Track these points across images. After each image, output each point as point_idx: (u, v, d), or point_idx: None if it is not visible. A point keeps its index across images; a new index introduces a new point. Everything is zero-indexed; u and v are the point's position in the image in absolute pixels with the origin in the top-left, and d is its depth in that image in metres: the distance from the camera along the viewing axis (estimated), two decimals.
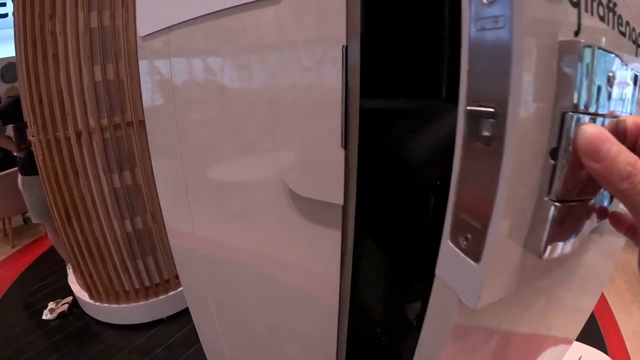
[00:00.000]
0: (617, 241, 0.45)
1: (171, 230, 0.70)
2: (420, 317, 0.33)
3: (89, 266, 1.42)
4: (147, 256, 1.40)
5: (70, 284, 1.59)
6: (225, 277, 0.67)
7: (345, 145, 0.36)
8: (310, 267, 0.52)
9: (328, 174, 0.39)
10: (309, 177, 0.41)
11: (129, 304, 1.44)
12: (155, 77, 0.59)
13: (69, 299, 1.62)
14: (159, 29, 0.55)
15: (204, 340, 0.82)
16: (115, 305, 1.46)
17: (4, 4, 2.80)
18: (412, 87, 0.49)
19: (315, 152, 0.40)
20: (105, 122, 1.29)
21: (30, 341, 1.47)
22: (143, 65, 0.59)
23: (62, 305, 1.61)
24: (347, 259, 0.48)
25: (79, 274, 1.48)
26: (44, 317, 1.58)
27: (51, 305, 1.62)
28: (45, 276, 1.78)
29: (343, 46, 0.33)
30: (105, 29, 1.29)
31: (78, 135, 1.28)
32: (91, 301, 1.49)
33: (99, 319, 1.52)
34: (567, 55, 0.18)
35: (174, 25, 0.53)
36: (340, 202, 0.39)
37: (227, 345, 0.77)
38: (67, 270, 1.67)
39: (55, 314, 1.59)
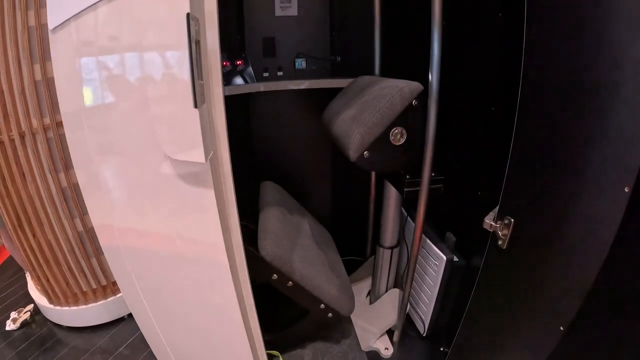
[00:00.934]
0: None
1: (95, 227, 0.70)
2: None
3: (45, 270, 1.40)
4: (101, 254, 1.39)
5: (30, 291, 1.56)
6: (140, 261, 0.67)
7: (195, 105, 0.38)
8: (198, 234, 0.55)
9: (187, 133, 0.40)
10: (175, 138, 0.43)
11: (88, 304, 1.42)
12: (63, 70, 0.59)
13: (30, 306, 1.59)
14: (64, 19, 0.55)
15: (145, 331, 0.82)
16: (75, 308, 1.44)
17: None
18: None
19: (175, 115, 0.42)
20: (47, 121, 1.27)
21: None
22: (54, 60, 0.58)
23: (24, 314, 1.57)
24: (225, 217, 0.51)
25: (37, 280, 1.46)
26: (7, 327, 1.54)
27: (13, 315, 1.58)
28: (6, 287, 1.74)
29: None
30: (43, 27, 1.27)
31: (22, 136, 1.26)
32: (51, 306, 1.46)
33: (61, 323, 1.50)
34: None
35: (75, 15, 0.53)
36: (202, 159, 0.41)
37: (161, 330, 0.78)
38: (27, 278, 1.63)
39: (18, 324, 1.55)
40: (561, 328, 0.59)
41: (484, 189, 1.05)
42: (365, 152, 0.91)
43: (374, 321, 1.28)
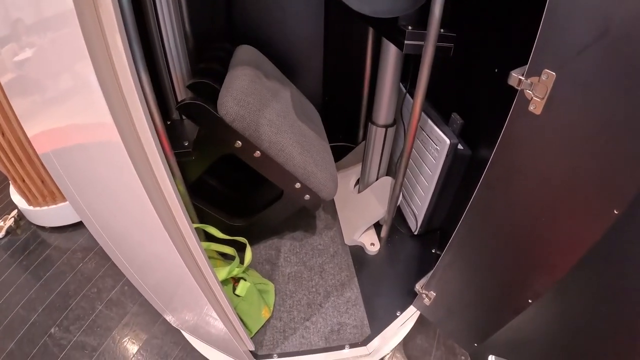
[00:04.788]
0: None
1: None
2: None
3: (18, 169, 1.35)
4: None
5: (12, 196, 1.53)
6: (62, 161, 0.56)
7: None
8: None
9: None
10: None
11: (66, 202, 1.38)
12: None
13: (14, 212, 1.57)
14: None
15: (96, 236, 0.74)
16: (54, 206, 1.41)
17: None
18: None
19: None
20: None
21: None
22: None
23: (9, 221, 1.55)
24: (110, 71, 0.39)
25: (14, 181, 1.42)
26: None
27: None
28: None
29: None
30: None
31: None
32: (31, 207, 1.43)
33: (43, 224, 1.48)
34: None
35: None
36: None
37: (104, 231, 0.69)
38: (10, 184, 1.60)
39: (3, 232, 1.54)
40: (615, 211, 0.45)
41: (504, 63, 0.84)
42: None
43: (360, 212, 1.16)
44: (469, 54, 0.97)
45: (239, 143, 0.89)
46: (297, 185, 0.97)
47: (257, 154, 0.90)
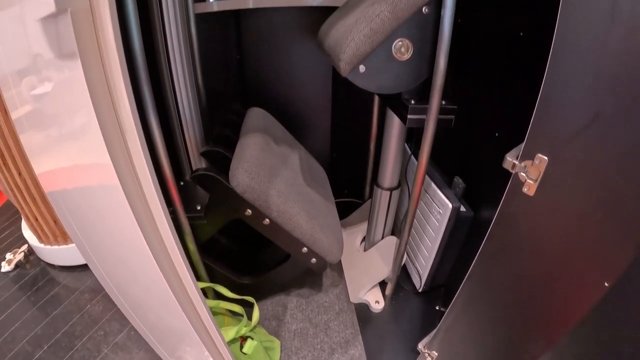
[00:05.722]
0: None
1: None
2: None
3: (32, 209, 1.38)
4: None
5: (23, 231, 1.56)
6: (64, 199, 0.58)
7: None
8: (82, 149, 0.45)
9: None
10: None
11: None
12: None
13: (25, 247, 1.59)
14: None
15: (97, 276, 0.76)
16: (65, 247, 1.43)
17: None
18: None
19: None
20: None
21: None
22: None
23: (18, 255, 1.58)
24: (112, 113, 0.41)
25: (26, 219, 1.44)
26: (2, 269, 1.56)
27: (9, 256, 1.59)
28: (3, 229, 1.76)
29: None
30: None
31: None
32: (42, 245, 1.46)
33: (53, 262, 1.50)
34: None
35: None
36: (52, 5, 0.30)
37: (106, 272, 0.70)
38: (22, 219, 1.63)
39: (12, 265, 1.57)
40: (606, 284, 0.46)
41: (504, 129, 0.88)
42: (360, 66, 0.76)
43: (366, 271, 1.18)
44: (470, 119, 0.99)
45: (249, 212, 0.91)
46: (304, 250, 0.99)
47: (267, 221, 0.92)
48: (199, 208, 0.95)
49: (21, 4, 0.36)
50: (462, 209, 1.01)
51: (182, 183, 1.02)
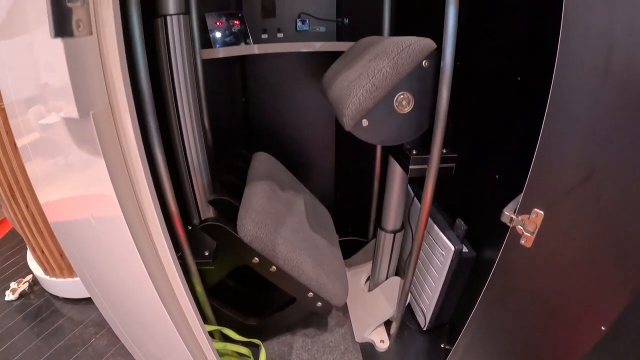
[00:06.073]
0: None
1: None
2: None
3: (39, 242, 1.38)
4: None
5: (29, 262, 1.56)
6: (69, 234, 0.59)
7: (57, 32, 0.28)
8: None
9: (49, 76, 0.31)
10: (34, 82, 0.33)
11: None
12: None
13: (29, 277, 1.60)
14: None
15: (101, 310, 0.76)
16: (71, 280, 1.43)
17: None
18: None
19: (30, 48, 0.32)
20: None
21: None
22: None
23: (23, 285, 1.59)
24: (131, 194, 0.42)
25: (32, 251, 1.45)
26: (6, 298, 1.57)
27: (13, 285, 1.60)
28: (7, 257, 1.76)
29: None
30: None
31: None
32: (47, 277, 1.46)
33: (58, 294, 1.50)
34: None
35: None
36: (75, 114, 0.31)
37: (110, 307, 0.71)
38: (27, 249, 1.64)
39: (17, 294, 1.57)
40: (602, 327, 0.48)
41: (503, 172, 0.90)
42: (363, 120, 0.78)
43: (370, 311, 1.18)
44: (471, 162, 1.01)
45: (256, 259, 0.92)
46: (310, 294, 0.99)
47: (273, 269, 0.93)
48: (207, 254, 0.96)
49: None
50: (465, 249, 1.02)
51: (189, 227, 1.03)
